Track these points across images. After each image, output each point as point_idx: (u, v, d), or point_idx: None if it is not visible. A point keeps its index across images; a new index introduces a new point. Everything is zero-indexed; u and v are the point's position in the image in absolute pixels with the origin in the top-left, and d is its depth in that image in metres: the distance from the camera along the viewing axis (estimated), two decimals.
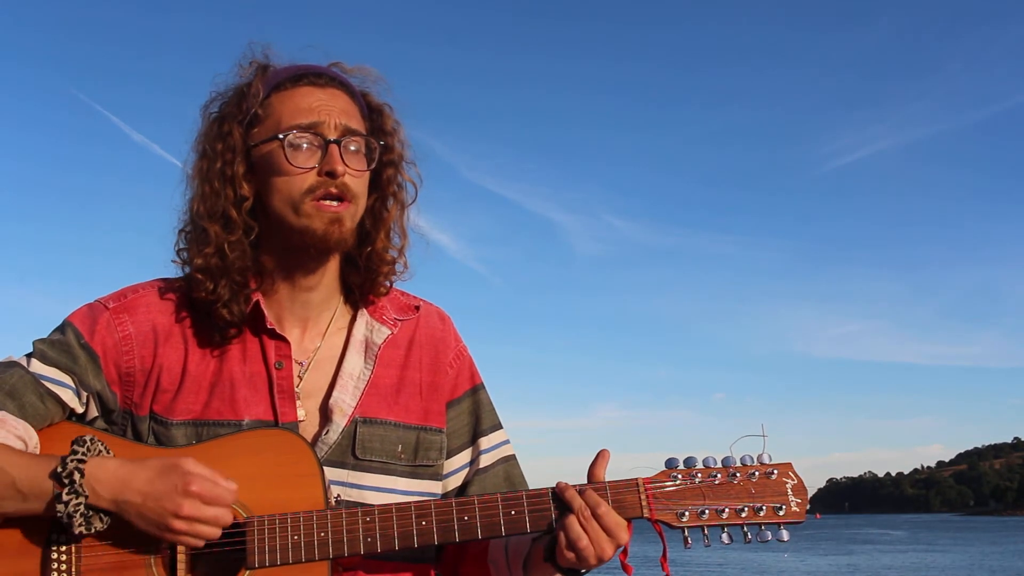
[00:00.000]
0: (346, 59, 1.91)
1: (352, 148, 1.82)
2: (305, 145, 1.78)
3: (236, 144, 1.79)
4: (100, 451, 1.66)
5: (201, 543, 1.63)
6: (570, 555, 1.68)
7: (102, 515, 1.63)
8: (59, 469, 1.61)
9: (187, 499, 1.59)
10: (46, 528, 1.68)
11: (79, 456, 1.62)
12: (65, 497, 1.60)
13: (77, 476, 1.60)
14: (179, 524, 1.60)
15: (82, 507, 1.60)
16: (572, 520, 1.67)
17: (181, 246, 1.84)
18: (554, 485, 1.73)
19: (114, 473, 1.62)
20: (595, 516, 1.67)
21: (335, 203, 1.78)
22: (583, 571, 1.75)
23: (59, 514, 1.61)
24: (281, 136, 1.77)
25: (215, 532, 1.63)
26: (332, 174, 1.76)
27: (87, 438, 1.65)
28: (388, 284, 1.94)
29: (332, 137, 1.79)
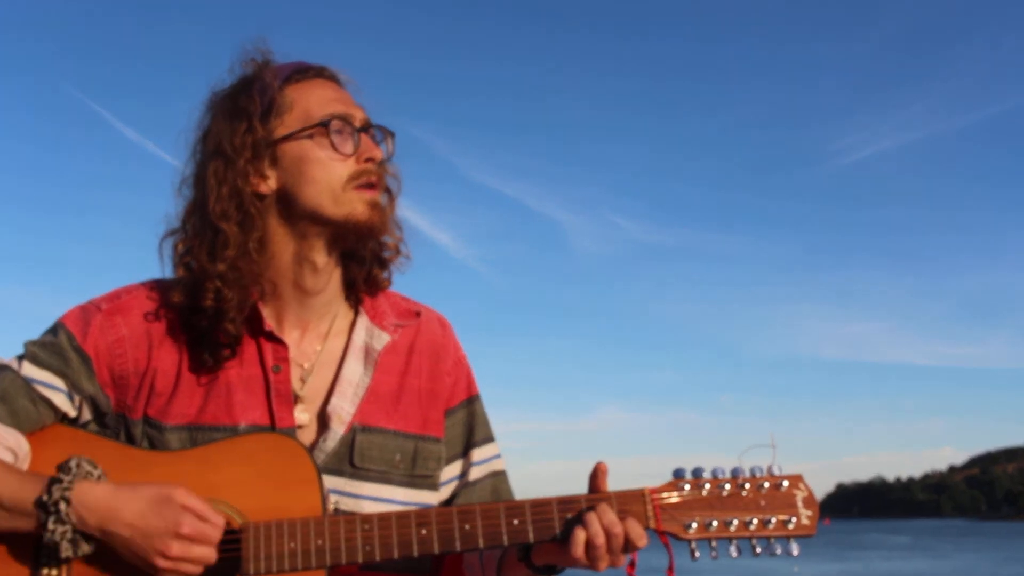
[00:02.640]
0: (332, 59, 1.91)
1: (372, 139, 1.83)
2: (341, 133, 1.77)
3: (257, 139, 1.75)
4: (88, 473, 1.62)
5: None
6: (580, 538, 1.60)
7: (89, 539, 1.60)
8: (44, 498, 1.58)
9: (177, 540, 1.56)
10: (33, 543, 1.65)
11: (64, 485, 1.58)
12: (51, 526, 1.57)
13: (63, 505, 1.57)
14: (165, 563, 1.58)
15: (69, 534, 1.58)
16: (593, 518, 1.61)
17: (182, 251, 1.77)
18: (557, 495, 1.68)
19: (102, 501, 1.58)
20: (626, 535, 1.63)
21: (373, 189, 1.79)
22: (559, 569, 1.72)
23: (46, 540, 1.58)
24: (325, 123, 1.75)
25: (198, 571, 1.60)
26: (371, 160, 1.77)
27: (72, 464, 1.61)
28: (389, 274, 1.91)
29: (360, 126, 1.80)
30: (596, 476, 1.70)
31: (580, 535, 1.61)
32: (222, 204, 1.73)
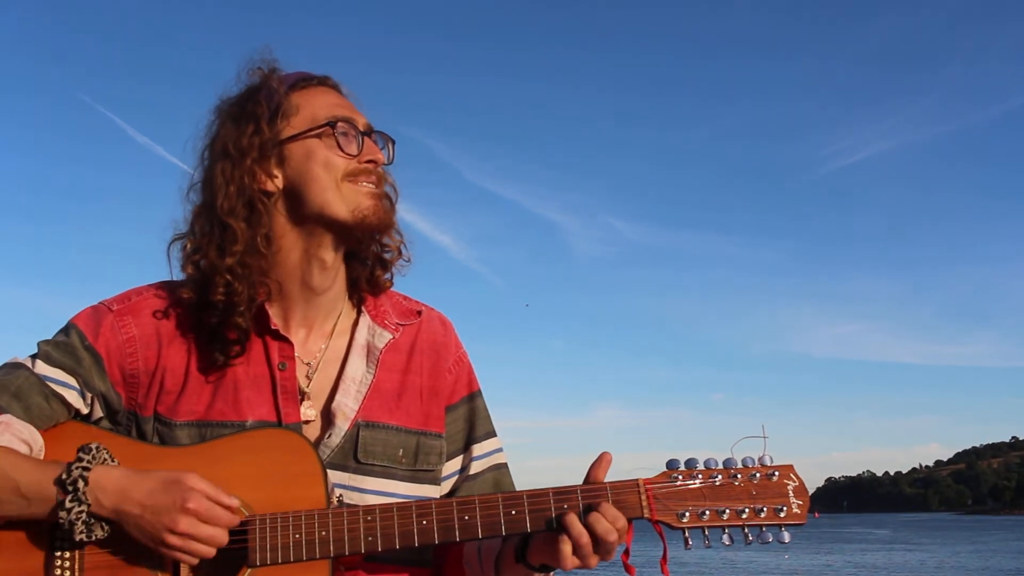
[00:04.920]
0: (336, 64, 1.96)
1: (375, 144, 1.88)
2: (346, 135, 1.82)
3: (264, 140, 1.80)
4: (105, 460, 1.66)
5: (195, 561, 1.64)
6: (566, 545, 1.65)
7: (104, 523, 1.63)
8: (63, 476, 1.62)
9: (184, 516, 1.60)
10: (49, 528, 1.68)
11: (84, 464, 1.62)
12: (68, 504, 1.60)
13: (81, 484, 1.61)
14: (174, 539, 1.61)
15: (84, 515, 1.61)
16: (573, 519, 1.66)
17: (191, 250, 1.81)
18: (553, 486, 1.72)
19: (117, 483, 1.62)
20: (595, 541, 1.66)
21: (373, 187, 1.84)
22: (553, 569, 1.75)
23: (61, 520, 1.62)
24: (332, 123, 1.81)
25: (209, 551, 1.63)
26: (373, 162, 1.83)
27: (93, 446, 1.65)
28: (391, 275, 1.96)
29: (364, 131, 1.85)
30: (598, 463, 1.73)
31: (565, 543, 1.65)
32: (230, 202, 1.78)
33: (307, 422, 1.83)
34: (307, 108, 1.83)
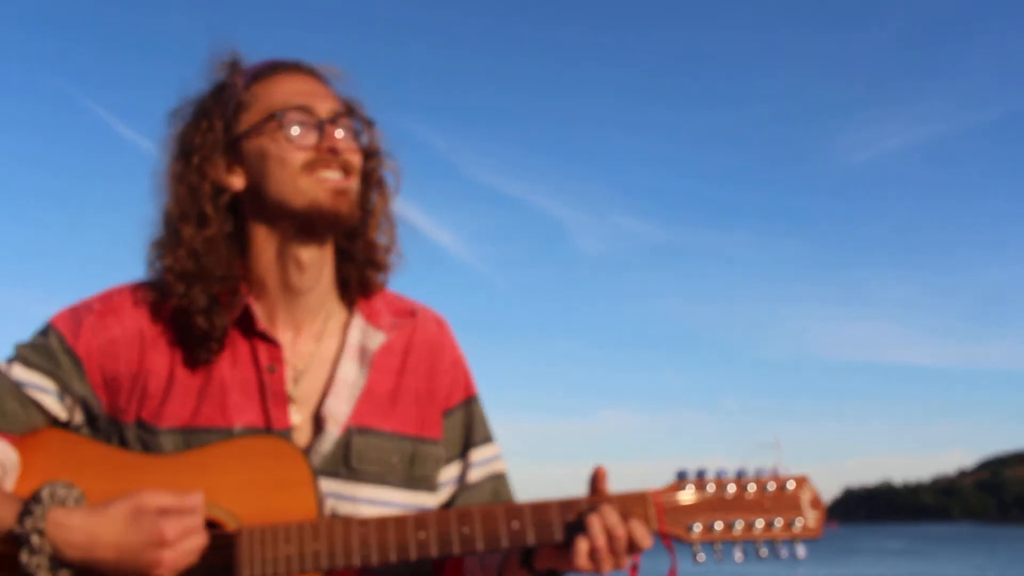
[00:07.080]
0: (332, 57, 1.90)
1: (343, 130, 1.80)
2: (303, 125, 1.75)
3: (217, 137, 1.75)
4: (62, 499, 1.58)
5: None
6: (582, 543, 1.59)
7: (68, 567, 1.56)
8: (17, 529, 1.55)
9: (165, 549, 1.54)
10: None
11: (36, 516, 1.55)
12: (25, 559, 1.54)
13: (35, 538, 1.54)
14: (162, 571, 1.55)
15: (45, 563, 1.55)
16: (595, 520, 1.59)
17: (154, 255, 1.79)
18: (558, 497, 1.66)
19: (80, 529, 1.55)
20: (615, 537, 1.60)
21: (338, 176, 1.76)
22: (561, 573, 1.70)
23: (22, 569, 1.55)
24: (278, 115, 1.74)
25: (196, 558, 1.59)
26: (333, 151, 1.75)
27: (44, 493, 1.57)
28: (383, 276, 1.90)
29: (326, 117, 1.77)
30: (596, 480, 1.68)
31: (582, 540, 1.59)
32: (180, 203, 1.74)
33: (295, 428, 1.77)
34: (264, 100, 1.78)
